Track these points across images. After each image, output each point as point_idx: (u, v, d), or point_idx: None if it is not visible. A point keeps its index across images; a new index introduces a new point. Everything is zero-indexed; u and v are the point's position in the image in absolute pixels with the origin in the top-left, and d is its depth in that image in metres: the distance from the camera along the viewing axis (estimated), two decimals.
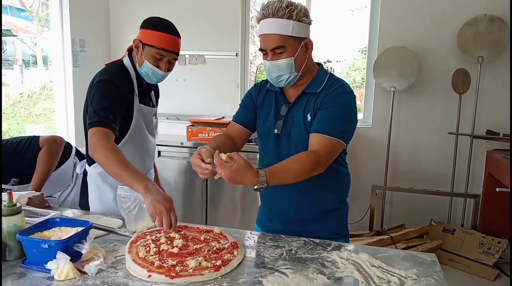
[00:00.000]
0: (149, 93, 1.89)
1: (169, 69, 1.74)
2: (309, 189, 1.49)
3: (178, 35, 1.72)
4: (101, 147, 1.49)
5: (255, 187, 1.26)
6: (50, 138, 2.14)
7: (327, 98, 1.44)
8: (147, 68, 1.71)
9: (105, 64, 1.80)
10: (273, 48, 1.39)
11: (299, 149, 1.47)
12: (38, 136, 2.14)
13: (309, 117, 1.46)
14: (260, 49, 1.44)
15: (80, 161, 2.29)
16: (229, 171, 1.21)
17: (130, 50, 1.80)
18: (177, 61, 1.77)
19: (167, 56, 1.69)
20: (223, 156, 1.24)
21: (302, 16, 1.37)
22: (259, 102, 1.60)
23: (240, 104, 1.68)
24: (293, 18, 1.36)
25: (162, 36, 1.66)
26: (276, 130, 1.52)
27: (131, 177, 1.42)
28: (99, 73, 1.73)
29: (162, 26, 1.67)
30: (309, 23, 1.42)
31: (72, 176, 2.27)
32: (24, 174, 2.04)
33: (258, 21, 1.42)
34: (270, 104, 1.57)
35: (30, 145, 2.09)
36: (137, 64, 1.75)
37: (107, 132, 1.55)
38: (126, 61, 1.79)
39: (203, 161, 1.30)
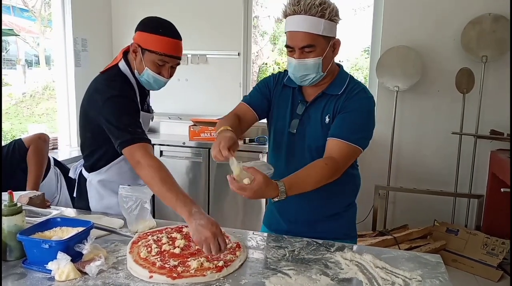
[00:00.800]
0: (147, 98, 1.78)
1: (171, 75, 1.63)
2: (319, 191, 1.45)
3: (180, 38, 1.58)
4: (146, 165, 1.40)
5: (275, 199, 1.24)
6: (35, 136, 2.11)
7: (348, 102, 1.41)
8: (148, 76, 1.59)
9: (100, 72, 1.66)
10: (302, 47, 1.34)
11: (312, 149, 1.45)
12: (20, 139, 2.11)
13: (327, 119, 1.43)
14: (287, 46, 1.39)
15: (61, 170, 2.25)
16: (250, 193, 1.18)
17: (124, 53, 1.66)
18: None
19: (170, 62, 1.57)
20: (245, 181, 1.18)
21: (334, 16, 1.33)
22: (275, 95, 1.55)
23: (254, 87, 1.61)
24: (325, 17, 1.31)
25: (165, 40, 1.52)
26: (291, 129, 1.49)
27: (175, 199, 1.30)
28: (102, 87, 1.57)
29: (163, 29, 1.53)
30: (338, 23, 1.38)
31: (57, 187, 2.22)
32: (11, 186, 1.97)
33: (286, 16, 1.36)
34: (287, 101, 1.52)
35: (15, 148, 2.06)
36: (135, 70, 1.62)
37: (146, 146, 1.46)
38: (123, 67, 1.64)
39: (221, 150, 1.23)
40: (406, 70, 3.33)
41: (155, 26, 1.53)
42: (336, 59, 1.49)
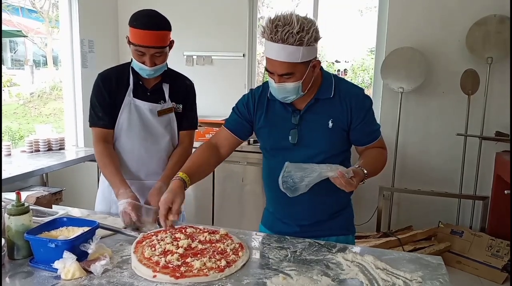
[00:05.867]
0: (150, 88, 1.82)
1: (156, 63, 1.69)
2: (322, 191, 1.45)
3: (157, 28, 1.64)
4: (95, 151, 1.76)
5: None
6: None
7: (357, 111, 1.45)
8: (135, 65, 1.73)
9: None
10: (281, 74, 1.34)
11: (317, 156, 1.44)
12: None
13: (330, 124, 1.44)
14: (266, 69, 1.38)
15: None
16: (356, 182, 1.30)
17: None
18: (185, 61, 1.75)
19: (147, 52, 1.65)
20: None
21: (313, 41, 1.31)
22: (260, 109, 1.54)
23: (233, 109, 1.62)
24: (303, 45, 1.28)
25: (138, 32, 1.63)
26: (291, 140, 1.47)
27: (110, 181, 1.67)
28: None
29: (138, 22, 1.63)
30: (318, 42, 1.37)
31: None
32: None
33: (264, 38, 1.34)
34: (277, 113, 1.51)
35: None
36: None
37: (98, 132, 1.77)
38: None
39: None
40: (411, 71, 3.32)
41: (133, 19, 1.66)
42: (342, 59, 1.51)
